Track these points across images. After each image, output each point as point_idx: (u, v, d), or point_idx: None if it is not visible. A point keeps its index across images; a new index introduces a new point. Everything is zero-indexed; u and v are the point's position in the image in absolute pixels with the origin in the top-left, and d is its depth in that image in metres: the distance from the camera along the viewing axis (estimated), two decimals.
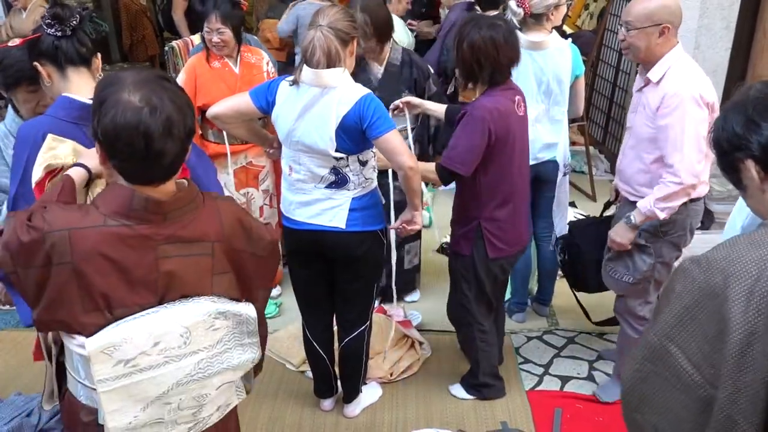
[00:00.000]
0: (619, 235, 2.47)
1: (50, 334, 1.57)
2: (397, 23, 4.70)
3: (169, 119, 1.28)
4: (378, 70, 3.04)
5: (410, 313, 3.41)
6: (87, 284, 1.31)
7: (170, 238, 1.37)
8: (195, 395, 1.44)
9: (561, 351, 3.19)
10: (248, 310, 1.50)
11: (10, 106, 2.20)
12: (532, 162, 2.93)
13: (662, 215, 2.33)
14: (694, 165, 2.27)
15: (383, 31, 2.93)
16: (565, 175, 3.18)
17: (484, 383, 2.83)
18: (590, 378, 2.99)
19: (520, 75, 2.82)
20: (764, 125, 1.13)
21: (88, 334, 1.33)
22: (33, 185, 1.55)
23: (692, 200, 2.39)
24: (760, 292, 1.04)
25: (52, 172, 1.55)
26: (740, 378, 1.05)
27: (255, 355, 1.54)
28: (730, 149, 1.18)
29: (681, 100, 2.23)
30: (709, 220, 4.01)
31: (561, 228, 3.23)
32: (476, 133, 2.34)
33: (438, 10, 5.80)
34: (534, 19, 2.92)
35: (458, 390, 2.89)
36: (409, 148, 2.41)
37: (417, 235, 3.36)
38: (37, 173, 1.55)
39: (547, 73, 2.95)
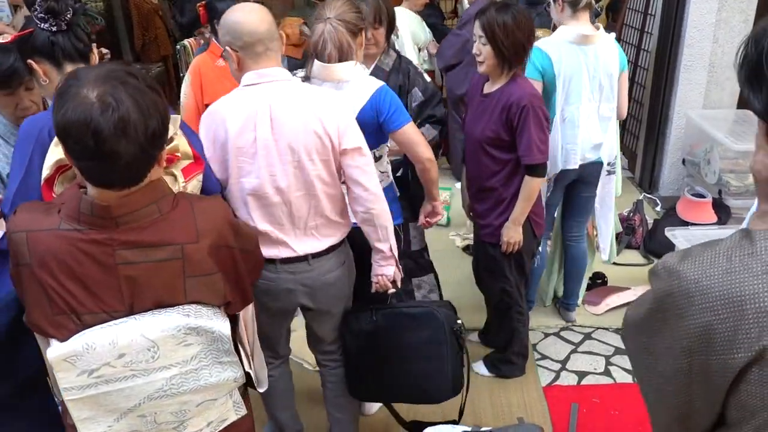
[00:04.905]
0: None
1: None
2: (414, 19, 4.65)
3: (122, 119, 1.19)
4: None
5: None
6: (46, 287, 1.29)
7: (127, 244, 1.31)
8: (172, 410, 1.40)
9: (578, 347, 3.18)
10: (221, 326, 1.42)
11: None
12: (579, 163, 2.90)
13: None
14: None
15: (391, 25, 2.70)
16: (609, 174, 3.07)
17: (508, 360, 2.92)
18: (607, 373, 2.98)
19: (574, 71, 2.77)
20: None
21: (62, 339, 1.31)
22: (42, 182, 1.47)
23: None
24: (720, 331, 0.91)
25: (63, 167, 1.47)
26: (690, 389, 0.98)
27: (236, 374, 1.48)
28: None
29: None
30: (726, 215, 3.98)
31: (605, 230, 3.17)
32: (542, 120, 2.42)
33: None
34: (573, 7, 2.79)
35: (480, 367, 2.99)
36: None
37: (429, 269, 2.86)
38: (46, 170, 1.45)
39: (598, 68, 2.83)
